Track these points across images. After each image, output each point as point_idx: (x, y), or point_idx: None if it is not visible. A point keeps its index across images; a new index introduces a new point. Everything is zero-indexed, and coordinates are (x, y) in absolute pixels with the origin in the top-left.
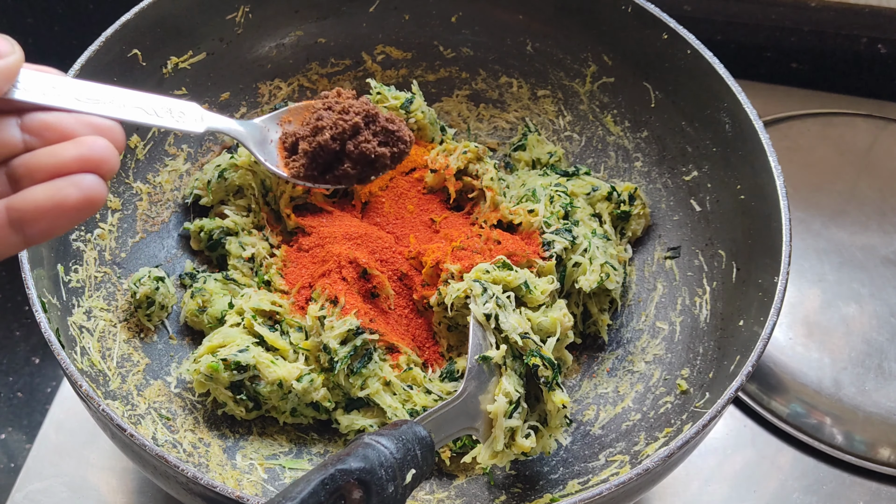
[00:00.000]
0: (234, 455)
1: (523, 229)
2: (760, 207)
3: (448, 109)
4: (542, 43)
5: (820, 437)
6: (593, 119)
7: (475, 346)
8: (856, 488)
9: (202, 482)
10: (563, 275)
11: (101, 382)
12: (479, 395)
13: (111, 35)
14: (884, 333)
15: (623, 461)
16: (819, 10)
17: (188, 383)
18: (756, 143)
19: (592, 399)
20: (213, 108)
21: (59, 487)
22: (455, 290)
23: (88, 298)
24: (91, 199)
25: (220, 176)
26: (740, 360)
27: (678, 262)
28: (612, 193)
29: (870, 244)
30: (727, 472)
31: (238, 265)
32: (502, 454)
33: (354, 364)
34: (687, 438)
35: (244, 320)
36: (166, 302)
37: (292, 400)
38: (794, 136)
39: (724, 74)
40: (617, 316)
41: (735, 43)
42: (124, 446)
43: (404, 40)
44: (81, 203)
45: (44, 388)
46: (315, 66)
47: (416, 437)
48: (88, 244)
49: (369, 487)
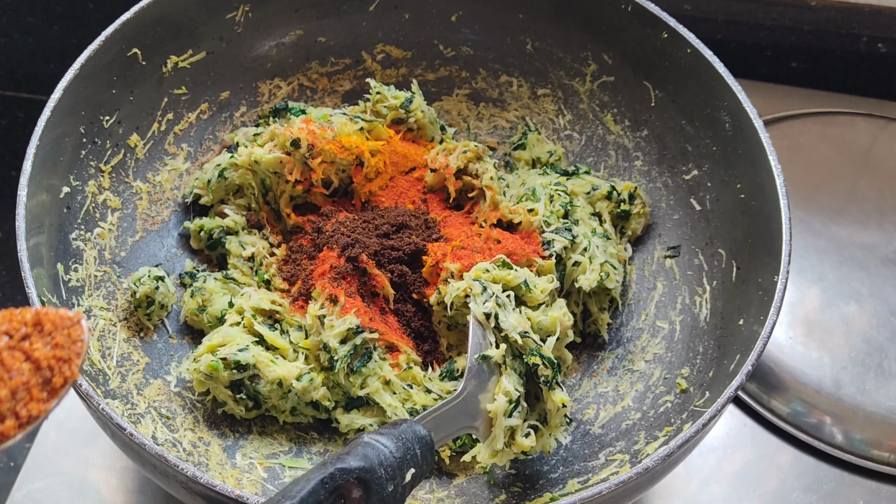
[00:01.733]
0: (234, 454)
1: (523, 228)
2: (760, 206)
3: (448, 108)
4: (542, 42)
5: (820, 436)
6: (593, 118)
7: (475, 345)
8: (855, 487)
9: (202, 481)
10: (563, 274)
11: (101, 381)
12: (479, 395)
13: (111, 34)
14: (884, 333)
15: (623, 460)
16: (819, 10)
17: (188, 382)
18: (756, 142)
19: (592, 398)
20: (213, 107)
21: (58, 486)
22: (455, 289)
23: (88, 297)
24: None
25: (220, 175)
26: (740, 359)
27: (678, 262)
28: (612, 192)
29: (870, 243)
30: (727, 471)
31: (238, 264)
32: (502, 453)
33: (354, 363)
34: (687, 437)
35: (244, 319)
36: (166, 301)
37: (292, 399)
38: (794, 136)
39: (724, 73)
40: (617, 315)
41: (735, 42)
42: (124, 445)
43: (404, 39)
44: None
45: None
46: (315, 66)
47: (415, 436)
48: (88, 243)
49: (369, 486)
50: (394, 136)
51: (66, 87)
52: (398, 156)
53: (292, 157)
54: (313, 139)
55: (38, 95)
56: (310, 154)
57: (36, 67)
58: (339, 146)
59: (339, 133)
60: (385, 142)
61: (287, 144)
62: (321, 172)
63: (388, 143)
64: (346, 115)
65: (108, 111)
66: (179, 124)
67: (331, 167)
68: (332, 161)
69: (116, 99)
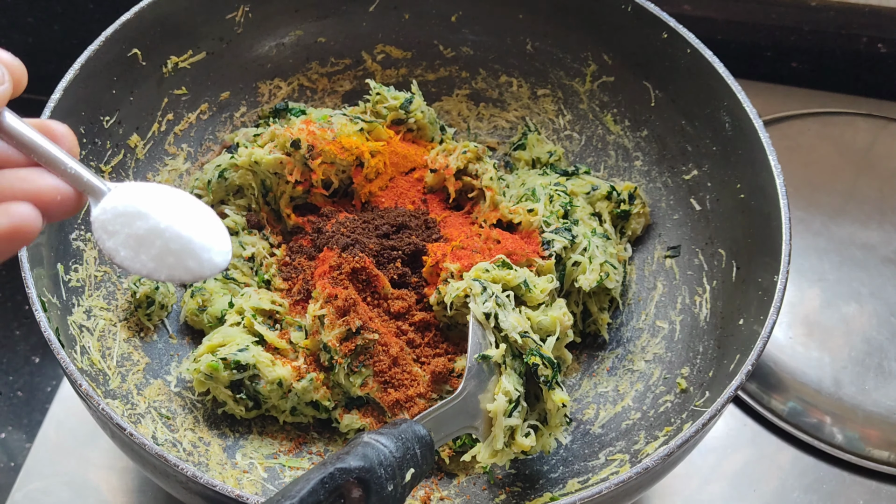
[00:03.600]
0: (234, 454)
1: (523, 228)
2: (760, 206)
3: (448, 109)
4: (542, 42)
5: (820, 436)
6: (593, 118)
7: (475, 345)
8: (855, 487)
9: (202, 481)
10: (563, 274)
11: (101, 381)
12: (479, 394)
13: (111, 34)
14: (884, 332)
15: (623, 460)
16: (819, 10)
17: (188, 382)
18: (756, 142)
19: (592, 398)
20: (214, 108)
21: (59, 486)
22: (455, 289)
23: (88, 298)
24: (19, 229)
25: (220, 176)
26: (740, 358)
27: (678, 261)
28: (612, 192)
29: (870, 243)
30: (727, 470)
31: (238, 265)
32: (502, 453)
33: (354, 363)
34: (687, 437)
35: (244, 320)
36: (166, 301)
37: (292, 399)
38: (794, 136)
39: (724, 74)
40: (617, 315)
41: (735, 42)
42: (124, 445)
43: (404, 40)
44: (8, 232)
45: (44, 388)
46: (315, 66)
47: (415, 435)
48: (88, 243)
49: (369, 486)
50: (394, 137)
51: (66, 88)
52: (398, 156)
53: (292, 157)
54: (313, 140)
55: (38, 96)
56: (310, 155)
57: (36, 67)
58: (340, 147)
59: (340, 134)
60: (385, 142)
61: (287, 145)
62: (321, 173)
63: (388, 144)
64: (346, 116)
65: (108, 111)
66: (179, 125)
67: (331, 168)
68: (332, 162)
69: (116, 99)
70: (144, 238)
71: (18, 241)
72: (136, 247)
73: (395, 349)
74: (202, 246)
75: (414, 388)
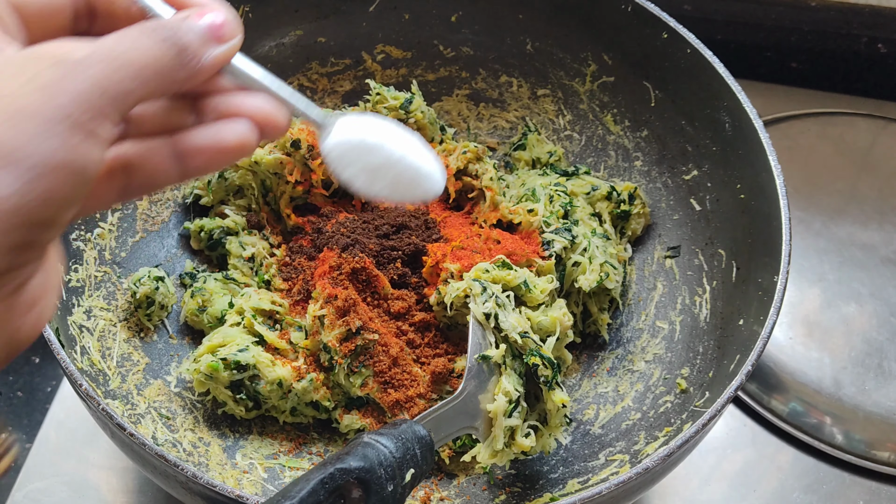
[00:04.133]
0: (234, 454)
1: (523, 229)
2: (760, 207)
3: (448, 109)
4: (542, 42)
5: (820, 436)
6: (593, 118)
7: (475, 346)
8: (855, 488)
9: (202, 481)
10: (563, 274)
11: (101, 382)
12: (479, 395)
13: None
14: (884, 333)
15: (623, 460)
16: (819, 10)
17: (188, 383)
18: (756, 142)
19: (592, 398)
20: None
21: (59, 487)
22: (454, 289)
23: (88, 298)
24: (243, 143)
25: (220, 176)
26: (740, 359)
27: (678, 262)
28: (612, 193)
29: (870, 244)
30: (727, 471)
31: (238, 265)
32: (502, 453)
33: (354, 363)
34: (687, 438)
35: (244, 320)
36: (166, 301)
37: (292, 399)
38: (794, 136)
39: (724, 74)
40: (617, 315)
41: (735, 42)
42: (124, 445)
43: (404, 40)
44: (235, 146)
45: (44, 388)
46: (315, 66)
47: (415, 436)
48: (88, 243)
49: (369, 486)
50: None
51: None
52: None
53: (292, 157)
54: (313, 140)
55: None
56: (310, 155)
57: None
58: None
59: None
60: None
61: (287, 145)
62: (321, 173)
63: None
64: None
65: None
66: None
67: None
68: None
69: None
70: (379, 169)
71: (238, 155)
72: (372, 176)
73: (395, 349)
74: (428, 173)
75: (414, 389)
